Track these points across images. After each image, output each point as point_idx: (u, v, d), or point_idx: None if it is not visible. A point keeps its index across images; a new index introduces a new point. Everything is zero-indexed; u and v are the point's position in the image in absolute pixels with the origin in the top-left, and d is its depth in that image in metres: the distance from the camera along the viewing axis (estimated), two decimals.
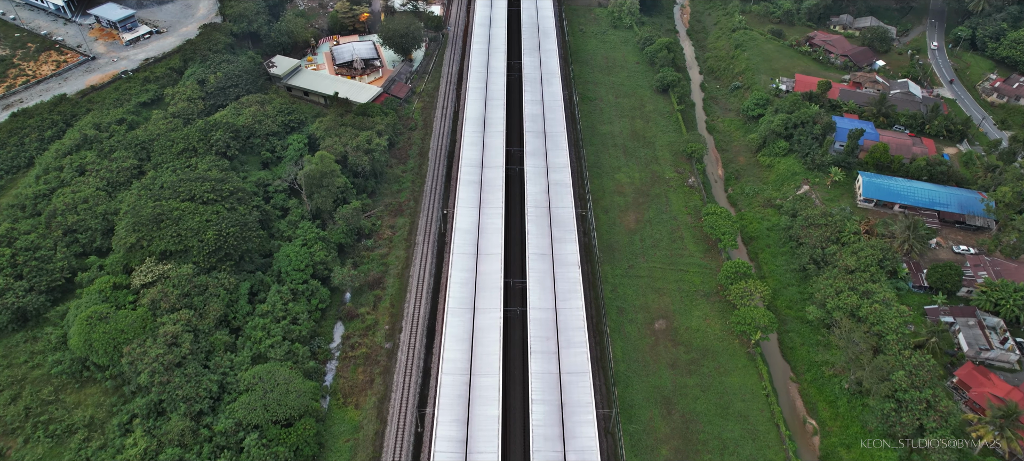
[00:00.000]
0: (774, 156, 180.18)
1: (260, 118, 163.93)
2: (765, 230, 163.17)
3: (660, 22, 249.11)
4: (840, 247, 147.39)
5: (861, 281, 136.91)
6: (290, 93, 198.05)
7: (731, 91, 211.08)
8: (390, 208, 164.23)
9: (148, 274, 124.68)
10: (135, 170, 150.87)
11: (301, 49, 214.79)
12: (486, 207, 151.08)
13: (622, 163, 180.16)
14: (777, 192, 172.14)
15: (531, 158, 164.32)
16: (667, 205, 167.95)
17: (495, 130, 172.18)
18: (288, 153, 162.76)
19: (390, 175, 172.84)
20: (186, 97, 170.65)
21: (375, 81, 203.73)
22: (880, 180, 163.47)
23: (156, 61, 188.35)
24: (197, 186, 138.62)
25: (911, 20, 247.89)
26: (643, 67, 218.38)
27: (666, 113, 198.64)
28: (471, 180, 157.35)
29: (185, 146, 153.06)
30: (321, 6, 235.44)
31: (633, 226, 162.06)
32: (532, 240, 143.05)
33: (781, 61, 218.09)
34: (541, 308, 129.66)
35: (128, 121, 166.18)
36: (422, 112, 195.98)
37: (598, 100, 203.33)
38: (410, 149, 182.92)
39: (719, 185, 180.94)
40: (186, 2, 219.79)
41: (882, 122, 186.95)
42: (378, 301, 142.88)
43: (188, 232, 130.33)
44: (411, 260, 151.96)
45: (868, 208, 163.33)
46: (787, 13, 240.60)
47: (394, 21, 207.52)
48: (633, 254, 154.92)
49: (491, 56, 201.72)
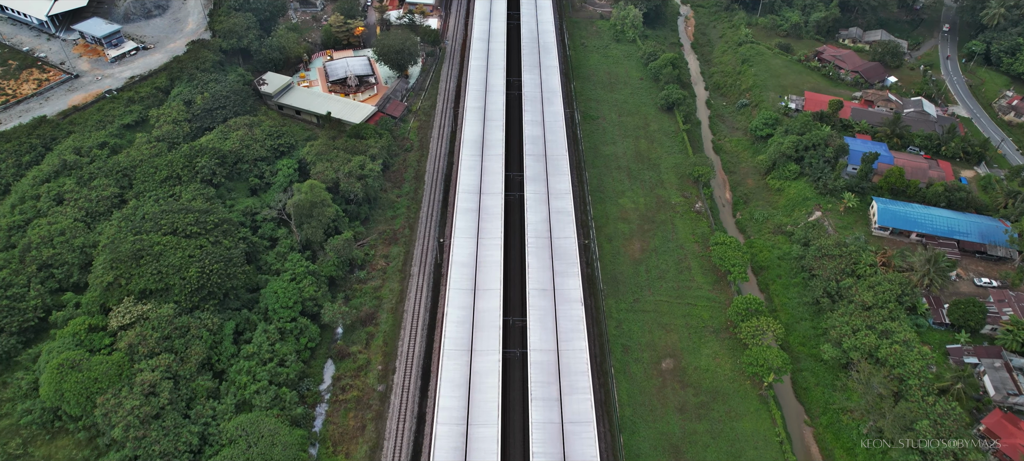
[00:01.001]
0: (784, 180, 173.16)
1: (248, 142, 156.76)
2: (776, 259, 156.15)
3: (664, 35, 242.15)
4: (855, 280, 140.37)
5: (879, 319, 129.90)
6: (281, 112, 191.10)
7: (738, 109, 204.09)
8: (384, 236, 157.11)
9: (126, 315, 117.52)
10: (116, 199, 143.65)
11: (293, 65, 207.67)
12: (484, 237, 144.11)
13: (626, 187, 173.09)
14: (788, 218, 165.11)
15: (531, 184, 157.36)
16: (673, 232, 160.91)
17: (494, 153, 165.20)
18: (277, 179, 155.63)
19: (384, 200, 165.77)
20: (172, 119, 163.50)
21: (370, 99, 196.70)
22: (896, 207, 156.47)
23: (142, 79, 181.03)
24: (180, 218, 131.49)
25: (922, 33, 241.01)
26: (647, 83, 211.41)
27: (671, 133, 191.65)
28: (468, 208, 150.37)
29: (169, 173, 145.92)
30: (314, 19, 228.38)
31: (638, 255, 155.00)
32: (533, 274, 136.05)
33: (789, 77, 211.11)
34: (542, 350, 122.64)
35: (111, 145, 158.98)
36: (418, 132, 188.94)
37: (601, 119, 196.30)
38: (405, 171, 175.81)
39: (727, 210, 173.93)
40: (175, 16, 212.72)
41: (896, 143, 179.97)
42: (371, 338, 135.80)
43: (169, 269, 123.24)
44: (406, 293, 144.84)
45: (883, 236, 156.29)
46: (795, 26, 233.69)
47: (389, 37, 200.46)
48: (638, 286, 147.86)
49: (490, 73, 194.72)
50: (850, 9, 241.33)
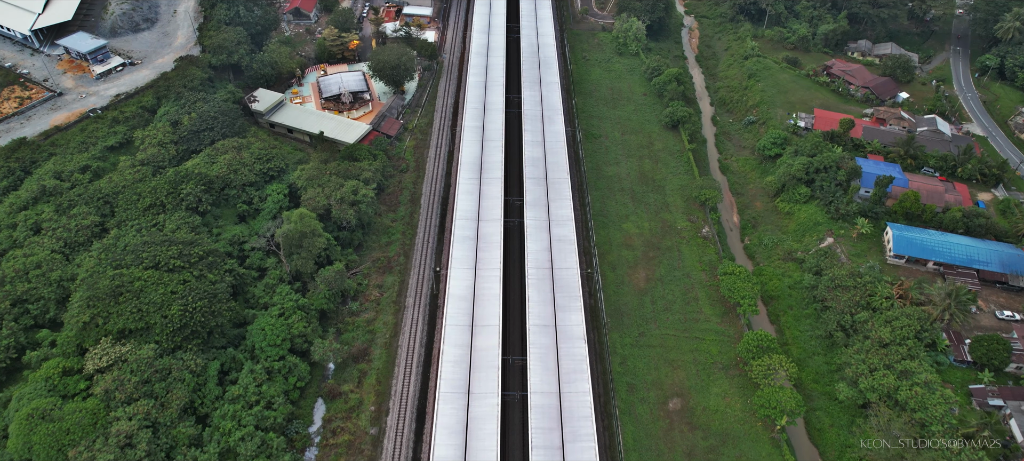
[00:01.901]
0: (794, 203, 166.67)
1: (236, 166, 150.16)
2: (786, 288, 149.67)
3: (667, 47, 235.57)
4: (871, 314, 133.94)
5: (897, 357, 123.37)
6: (273, 130, 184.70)
7: (745, 126, 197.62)
8: (378, 264, 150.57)
9: (103, 357, 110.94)
10: (96, 228, 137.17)
11: (286, 80, 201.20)
12: (482, 268, 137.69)
13: (630, 211, 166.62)
14: (798, 244, 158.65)
15: (532, 209, 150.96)
16: (680, 260, 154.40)
17: (492, 176, 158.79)
18: (266, 205, 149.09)
19: (379, 225, 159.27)
20: (157, 141, 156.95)
21: (364, 116, 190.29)
22: (912, 233, 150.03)
23: (127, 97, 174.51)
24: (162, 251, 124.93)
25: (933, 46, 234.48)
26: (651, 99, 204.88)
27: (676, 152, 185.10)
28: (466, 235, 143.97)
29: (152, 201, 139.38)
30: (308, 32, 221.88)
31: (643, 285, 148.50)
32: (533, 308, 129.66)
33: (797, 93, 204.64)
34: (543, 393, 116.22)
35: (93, 168, 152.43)
36: (415, 151, 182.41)
37: (603, 137, 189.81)
38: (401, 194, 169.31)
39: (735, 234, 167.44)
40: (164, 30, 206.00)
41: (910, 164, 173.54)
42: (363, 376, 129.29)
43: (150, 307, 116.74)
44: (400, 327, 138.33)
45: (899, 265, 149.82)
46: (802, 39, 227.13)
47: (385, 52, 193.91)
48: (644, 319, 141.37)
49: (488, 89, 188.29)
50: (858, 21, 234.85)
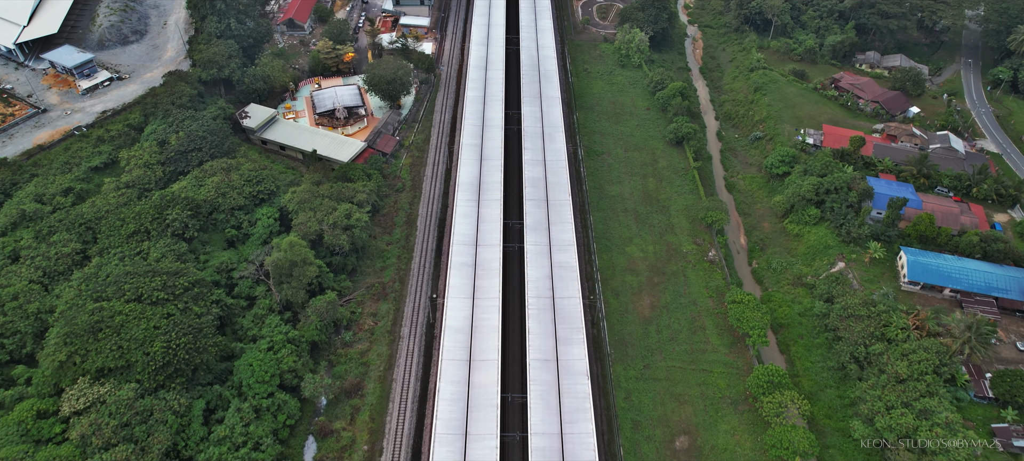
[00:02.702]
0: (803, 225, 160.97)
1: (225, 189, 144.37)
2: (796, 316, 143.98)
3: (671, 58, 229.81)
4: (887, 345, 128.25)
5: (915, 394, 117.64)
6: (265, 147, 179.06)
7: (751, 142, 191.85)
8: (372, 291, 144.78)
9: (80, 398, 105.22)
10: (78, 256, 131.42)
11: (279, 94, 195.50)
12: (481, 297, 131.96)
13: (634, 233, 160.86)
14: (808, 268, 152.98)
15: (532, 233, 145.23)
16: (685, 286, 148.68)
17: (491, 198, 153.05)
18: (256, 230, 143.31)
19: (373, 248, 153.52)
20: (143, 162, 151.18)
21: (359, 132, 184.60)
22: (927, 258, 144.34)
23: (114, 114, 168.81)
24: (145, 283, 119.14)
25: (943, 57, 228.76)
26: (654, 114, 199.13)
27: (681, 170, 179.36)
28: (463, 262, 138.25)
29: (136, 227, 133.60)
30: (302, 44, 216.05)
31: (648, 313, 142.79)
32: (534, 341, 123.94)
33: (805, 107, 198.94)
34: (544, 434, 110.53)
35: (76, 191, 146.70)
36: (411, 169, 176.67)
37: (606, 154, 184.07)
38: (396, 215, 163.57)
39: (742, 257, 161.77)
40: (153, 42, 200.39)
41: (923, 184, 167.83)
42: (356, 413, 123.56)
43: (131, 343, 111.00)
44: (395, 358, 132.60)
45: (913, 291, 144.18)
46: (809, 51, 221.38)
47: (380, 66, 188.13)
48: (649, 349, 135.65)
49: (487, 105, 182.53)
50: (866, 31, 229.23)
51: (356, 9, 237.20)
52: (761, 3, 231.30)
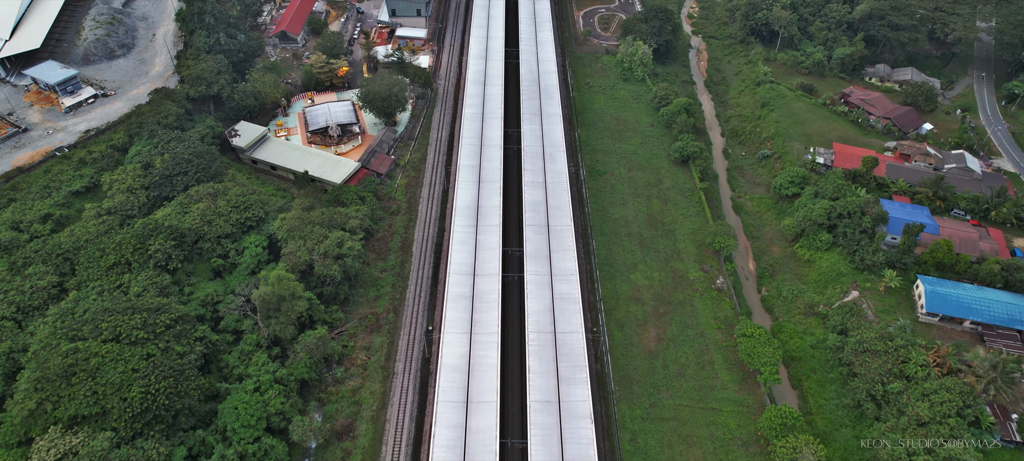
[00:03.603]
0: (814, 250, 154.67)
1: (211, 217, 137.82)
2: (809, 349, 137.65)
3: (675, 71, 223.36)
4: (906, 384, 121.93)
5: (938, 439, 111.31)
6: (255, 166, 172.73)
7: (759, 160, 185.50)
8: (365, 323, 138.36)
9: (50, 450, 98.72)
10: (54, 289, 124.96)
11: (270, 111, 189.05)
12: (479, 332, 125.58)
13: (638, 259, 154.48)
14: (820, 297, 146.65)
15: (532, 262, 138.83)
16: (693, 316, 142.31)
17: (490, 224, 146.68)
18: (243, 260, 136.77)
19: (366, 276, 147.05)
20: (126, 187, 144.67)
21: (354, 150, 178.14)
22: (946, 288, 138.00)
23: (98, 134, 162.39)
24: (124, 321, 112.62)
25: (955, 70, 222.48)
26: (658, 130, 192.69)
27: (686, 191, 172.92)
28: (461, 294, 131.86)
29: (117, 259, 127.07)
30: (296, 57, 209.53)
31: (654, 346, 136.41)
32: (534, 381, 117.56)
33: (814, 123, 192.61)
34: None
35: (55, 217, 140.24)
36: (407, 190, 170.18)
37: (608, 174, 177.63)
38: (391, 239, 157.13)
39: (751, 283, 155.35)
40: (141, 57, 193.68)
41: (938, 207, 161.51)
42: (347, 457, 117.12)
43: (107, 388, 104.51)
44: (389, 397, 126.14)
45: (932, 323, 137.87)
46: (817, 64, 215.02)
47: (375, 81, 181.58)
48: (655, 386, 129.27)
49: (486, 123, 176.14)
50: (876, 43, 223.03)
51: (351, 21, 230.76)
52: (767, 14, 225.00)
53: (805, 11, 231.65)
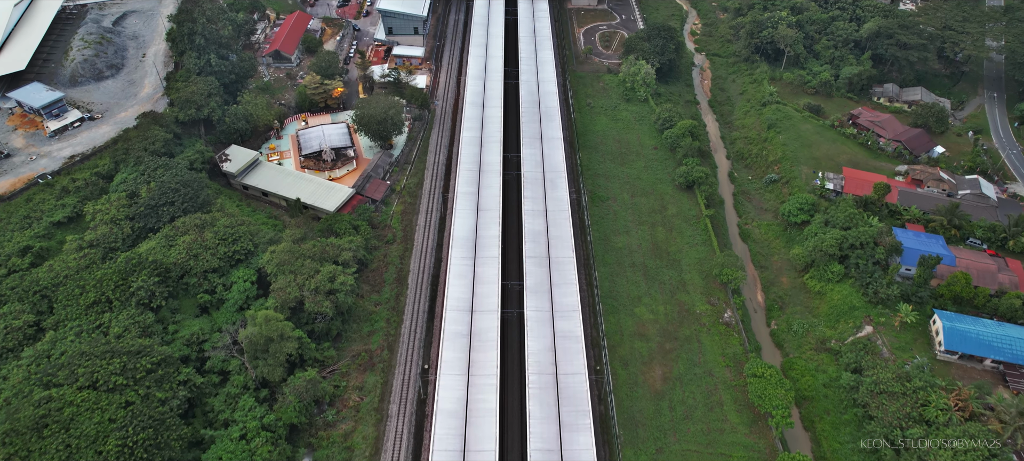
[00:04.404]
0: (825, 282, 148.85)
1: (197, 251, 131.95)
2: (821, 387, 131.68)
3: (678, 90, 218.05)
4: (926, 429, 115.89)
5: None
6: (246, 192, 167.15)
7: (766, 185, 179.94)
8: (358, 361, 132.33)
9: None
10: (31, 329, 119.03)
11: (263, 134, 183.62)
12: (477, 374, 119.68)
13: (643, 291, 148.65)
14: (832, 331, 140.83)
15: (533, 297, 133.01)
16: (700, 353, 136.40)
17: (488, 255, 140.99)
18: (231, 295, 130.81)
19: (360, 310, 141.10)
20: (110, 217, 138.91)
21: (348, 175, 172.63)
22: (965, 325, 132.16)
23: (83, 160, 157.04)
24: (102, 366, 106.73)
25: (965, 89, 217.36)
26: (662, 153, 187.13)
27: (692, 218, 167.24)
28: (458, 332, 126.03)
29: (97, 297, 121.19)
30: (289, 77, 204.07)
31: (660, 386, 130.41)
32: (535, 428, 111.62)
33: (822, 146, 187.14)
34: None
35: (35, 250, 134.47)
36: (402, 217, 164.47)
37: (611, 200, 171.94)
38: (386, 270, 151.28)
39: (760, 316, 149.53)
40: (130, 77, 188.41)
41: (953, 235, 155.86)
42: None
43: (81, 441, 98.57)
44: (382, 442, 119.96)
45: (951, 361, 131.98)
46: (824, 84, 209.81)
47: (371, 104, 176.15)
48: (661, 430, 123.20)
49: (484, 147, 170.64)
50: (883, 62, 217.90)
51: (347, 39, 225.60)
52: (772, 33, 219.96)
53: (811, 29, 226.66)
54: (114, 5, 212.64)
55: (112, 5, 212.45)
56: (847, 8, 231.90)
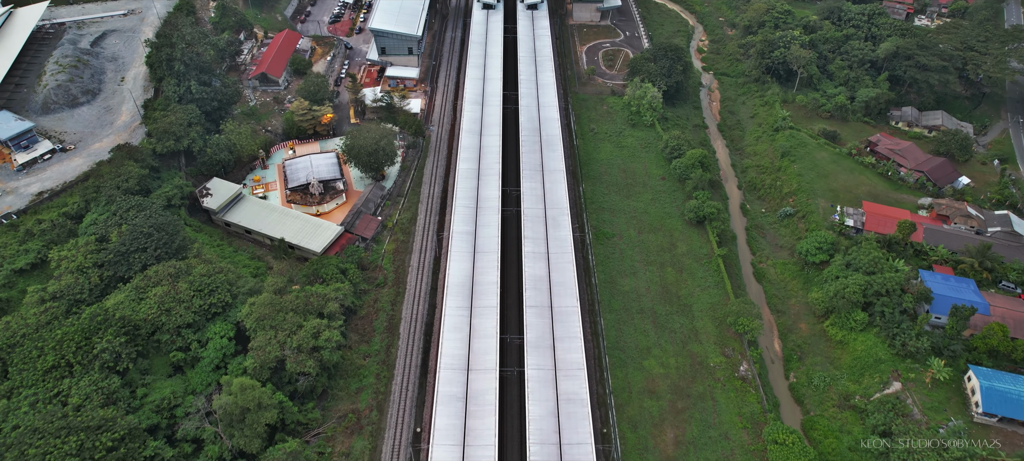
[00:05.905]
0: (848, 330, 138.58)
1: (170, 304, 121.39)
2: (846, 451, 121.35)
3: (685, 114, 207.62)
4: None
5: None
6: (228, 229, 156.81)
7: (780, 219, 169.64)
8: (344, 424, 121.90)
9: None
10: None
11: (247, 164, 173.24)
12: (472, 444, 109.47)
13: (652, 341, 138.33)
14: (856, 386, 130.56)
15: (534, 353, 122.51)
16: (715, 413, 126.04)
17: (486, 305, 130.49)
18: (207, 353, 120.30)
19: (347, 364, 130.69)
20: (76, 265, 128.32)
21: (337, 209, 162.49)
22: (1005, 384, 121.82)
23: (51, 197, 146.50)
24: (56, 446, 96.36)
25: (987, 112, 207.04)
26: (670, 184, 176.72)
27: (703, 257, 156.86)
28: (452, 394, 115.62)
29: (56, 360, 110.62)
30: (277, 102, 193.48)
31: (672, 452, 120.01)
32: None
33: (840, 176, 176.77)
34: None
35: None
36: (394, 257, 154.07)
37: (617, 236, 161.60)
38: (376, 317, 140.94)
39: (777, 366, 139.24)
40: (106, 104, 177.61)
41: (985, 278, 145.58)
42: None
43: None
44: None
45: (989, 423, 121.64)
46: (839, 107, 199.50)
47: (361, 134, 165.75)
48: None
49: (482, 181, 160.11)
50: (901, 83, 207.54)
51: (338, 59, 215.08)
52: (784, 53, 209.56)
53: (824, 48, 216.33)
54: (94, 24, 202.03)
55: (91, 24, 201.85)
56: (862, 26, 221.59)
